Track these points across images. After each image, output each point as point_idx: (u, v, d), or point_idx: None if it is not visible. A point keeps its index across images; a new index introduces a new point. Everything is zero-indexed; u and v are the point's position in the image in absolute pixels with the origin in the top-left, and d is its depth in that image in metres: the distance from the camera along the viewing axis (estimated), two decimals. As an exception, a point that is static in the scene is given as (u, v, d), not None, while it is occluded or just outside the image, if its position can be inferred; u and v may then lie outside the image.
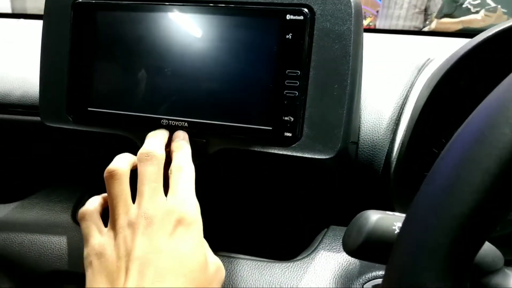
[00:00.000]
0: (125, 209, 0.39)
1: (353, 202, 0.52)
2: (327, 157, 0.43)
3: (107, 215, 0.42)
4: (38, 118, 0.57)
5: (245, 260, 0.49)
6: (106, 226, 0.41)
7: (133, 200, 0.40)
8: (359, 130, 0.49)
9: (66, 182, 0.61)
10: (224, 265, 0.48)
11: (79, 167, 0.61)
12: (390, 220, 0.31)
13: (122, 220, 0.39)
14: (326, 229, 0.52)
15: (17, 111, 0.58)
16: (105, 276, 0.37)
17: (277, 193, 0.54)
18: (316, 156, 0.43)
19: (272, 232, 0.58)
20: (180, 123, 0.46)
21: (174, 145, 0.44)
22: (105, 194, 0.43)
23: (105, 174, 0.41)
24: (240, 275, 0.48)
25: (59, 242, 0.53)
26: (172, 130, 0.46)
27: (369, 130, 0.49)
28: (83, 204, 0.58)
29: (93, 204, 0.42)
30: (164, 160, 0.41)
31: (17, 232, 0.54)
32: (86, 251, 0.40)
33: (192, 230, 0.38)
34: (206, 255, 0.39)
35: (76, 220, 0.55)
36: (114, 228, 0.39)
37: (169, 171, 0.41)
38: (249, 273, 0.48)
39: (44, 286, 0.52)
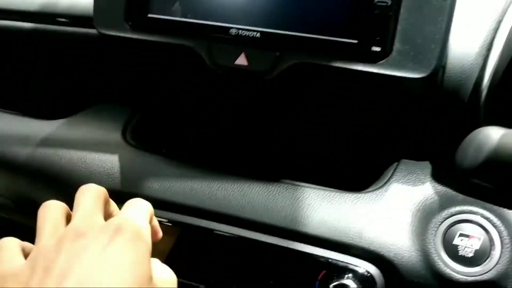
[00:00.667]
0: (53, 229, 0.32)
1: (430, 134, 0.47)
2: (420, 76, 0.38)
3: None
4: (87, 30, 0.53)
5: (312, 189, 0.46)
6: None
7: None
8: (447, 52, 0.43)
9: (114, 101, 0.58)
10: (288, 193, 0.46)
11: (129, 85, 0.58)
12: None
13: (46, 238, 0.31)
14: (396, 163, 0.48)
15: (65, 21, 0.54)
16: None
17: (347, 119, 0.49)
18: (407, 75, 0.38)
19: (337, 161, 0.54)
20: (251, 33, 0.41)
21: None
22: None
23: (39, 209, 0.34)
24: (307, 205, 0.44)
25: (109, 161, 0.50)
26: (241, 41, 0.42)
27: (457, 53, 0.43)
28: (135, 124, 0.55)
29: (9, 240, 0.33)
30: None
31: (66, 148, 0.52)
32: None
33: (134, 240, 0.30)
34: (150, 269, 0.31)
35: (126, 138, 0.52)
36: (36, 248, 0.31)
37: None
38: (318, 203, 0.44)
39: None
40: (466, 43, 0.43)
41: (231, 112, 0.43)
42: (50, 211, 0.33)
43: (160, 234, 0.37)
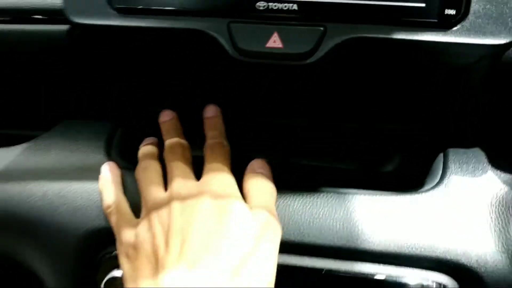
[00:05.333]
0: (156, 195, 0.36)
1: (487, 120, 0.41)
2: (505, 41, 0.31)
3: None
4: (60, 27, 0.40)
5: (360, 195, 0.37)
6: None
7: None
8: None
9: (83, 116, 0.46)
10: (337, 203, 0.37)
11: (101, 98, 0.46)
12: None
13: (153, 205, 0.35)
14: (442, 153, 0.41)
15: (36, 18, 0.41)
16: (146, 261, 0.33)
17: (395, 103, 0.42)
18: (488, 42, 0.31)
19: (367, 158, 0.46)
20: (285, 6, 0.32)
21: (206, 123, 0.40)
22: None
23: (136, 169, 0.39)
24: (361, 215, 0.36)
25: (97, 190, 0.39)
26: (273, 16, 0.32)
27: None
28: (116, 143, 0.44)
29: (116, 194, 0.38)
30: (189, 149, 0.39)
31: (36, 180, 0.40)
32: (119, 248, 0.36)
33: (232, 205, 0.34)
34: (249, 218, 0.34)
35: (112, 159, 0.41)
36: (146, 215, 0.35)
37: (204, 150, 0.39)
38: (372, 211, 0.36)
39: (84, 250, 0.38)
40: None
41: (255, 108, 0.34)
42: (151, 173, 0.38)
43: None
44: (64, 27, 0.38)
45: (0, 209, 0.39)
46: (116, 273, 0.36)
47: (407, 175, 0.44)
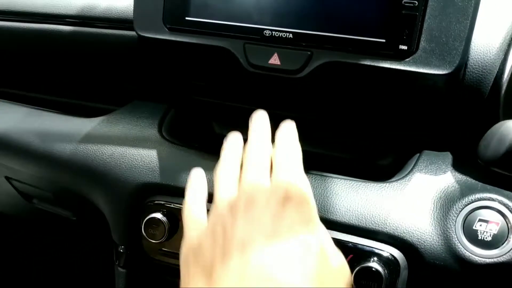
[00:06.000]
0: (226, 190, 0.36)
1: (452, 127, 0.50)
2: (445, 72, 0.40)
3: None
4: (124, 32, 0.56)
5: (339, 179, 0.48)
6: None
7: None
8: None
9: (148, 99, 0.61)
10: (317, 183, 0.48)
11: (162, 84, 0.61)
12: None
13: (221, 203, 0.35)
14: (418, 154, 0.50)
15: (103, 24, 0.57)
16: (200, 270, 0.32)
17: (372, 113, 0.52)
18: (432, 71, 0.41)
19: (364, 154, 0.56)
20: (284, 34, 0.44)
21: (280, 128, 0.41)
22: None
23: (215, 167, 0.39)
24: (335, 194, 0.47)
25: (148, 156, 0.53)
26: (274, 41, 0.44)
27: (479, 49, 0.46)
28: (168, 120, 0.58)
29: (197, 192, 0.39)
30: (270, 149, 0.39)
31: (107, 144, 0.55)
32: (183, 248, 0.36)
33: (303, 209, 0.33)
34: (318, 227, 0.34)
35: (162, 134, 0.56)
36: (212, 220, 0.35)
37: (273, 150, 0.38)
38: (345, 192, 0.47)
39: (134, 197, 0.53)
40: (488, 39, 0.46)
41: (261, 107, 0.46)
42: (221, 171, 0.37)
43: None
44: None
45: (80, 163, 0.55)
46: (155, 215, 0.50)
47: (386, 169, 0.54)
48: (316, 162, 0.56)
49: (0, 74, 0.69)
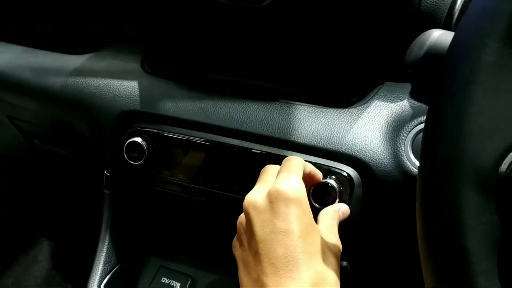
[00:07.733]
0: (263, 185, 0.41)
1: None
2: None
3: None
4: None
5: (303, 106, 0.52)
6: None
7: None
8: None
9: (132, 39, 0.65)
10: (283, 109, 0.52)
11: (144, 25, 0.65)
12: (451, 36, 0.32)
13: (255, 193, 0.41)
14: (381, 85, 0.53)
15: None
16: (242, 264, 0.39)
17: (336, 45, 0.55)
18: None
19: (331, 85, 0.60)
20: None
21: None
22: None
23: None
24: (298, 118, 0.51)
25: (130, 86, 0.58)
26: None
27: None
28: (150, 57, 0.63)
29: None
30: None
31: (93, 77, 0.60)
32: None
33: (294, 204, 0.38)
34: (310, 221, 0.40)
35: (144, 68, 0.60)
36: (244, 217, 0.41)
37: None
38: (306, 117, 0.51)
39: (118, 123, 0.57)
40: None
41: (233, 39, 0.49)
42: (269, 170, 0.44)
43: (318, 176, 0.47)
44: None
45: (70, 94, 0.60)
46: (135, 139, 0.54)
47: (351, 97, 0.57)
48: (285, 93, 0.60)
49: None
